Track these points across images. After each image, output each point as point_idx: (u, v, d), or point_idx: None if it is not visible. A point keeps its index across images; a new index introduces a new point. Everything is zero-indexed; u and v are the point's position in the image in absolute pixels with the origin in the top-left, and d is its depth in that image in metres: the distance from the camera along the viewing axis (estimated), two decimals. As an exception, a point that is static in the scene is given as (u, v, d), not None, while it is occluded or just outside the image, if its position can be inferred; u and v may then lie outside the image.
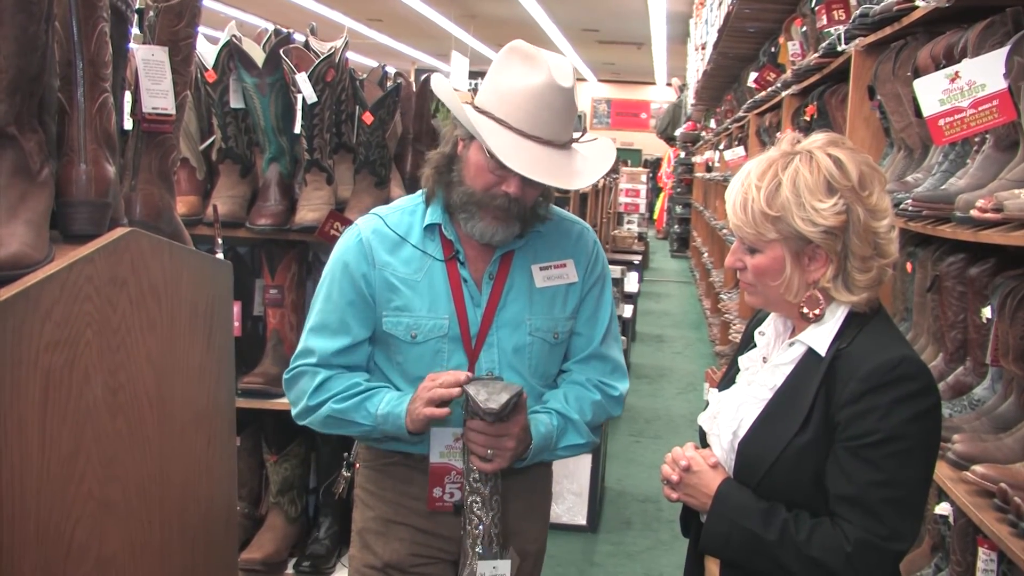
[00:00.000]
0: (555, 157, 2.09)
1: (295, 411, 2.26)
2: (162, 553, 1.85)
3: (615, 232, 13.67)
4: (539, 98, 2.06)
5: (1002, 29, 2.44)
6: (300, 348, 2.24)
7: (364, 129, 3.32)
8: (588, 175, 2.12)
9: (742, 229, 1.80)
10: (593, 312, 2.30)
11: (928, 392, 1.73)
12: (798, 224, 1.74)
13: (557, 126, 2.09)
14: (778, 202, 1.75)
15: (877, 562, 1.69)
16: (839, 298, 1.78)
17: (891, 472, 1.68)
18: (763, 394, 1.84)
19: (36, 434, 1.46)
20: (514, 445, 2.10)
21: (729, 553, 1.83)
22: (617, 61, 24.22)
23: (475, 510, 2.13)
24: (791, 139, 1.83)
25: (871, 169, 1.78)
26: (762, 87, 6.52)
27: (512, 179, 2.08)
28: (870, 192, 1.75)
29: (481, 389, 2.04)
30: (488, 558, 2.14)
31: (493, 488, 2.14)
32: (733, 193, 1.82)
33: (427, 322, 2.18)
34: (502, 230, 2.15)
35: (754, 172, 1.80)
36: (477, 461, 2.10)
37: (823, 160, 1.75)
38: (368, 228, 2.24)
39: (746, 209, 1.78)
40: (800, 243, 1.76)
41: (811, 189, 1.73)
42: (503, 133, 2.06)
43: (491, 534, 2.14)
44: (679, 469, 1.86)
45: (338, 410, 2.17)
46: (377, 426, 2.15)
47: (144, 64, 1.99)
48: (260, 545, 3.32)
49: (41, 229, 1.58)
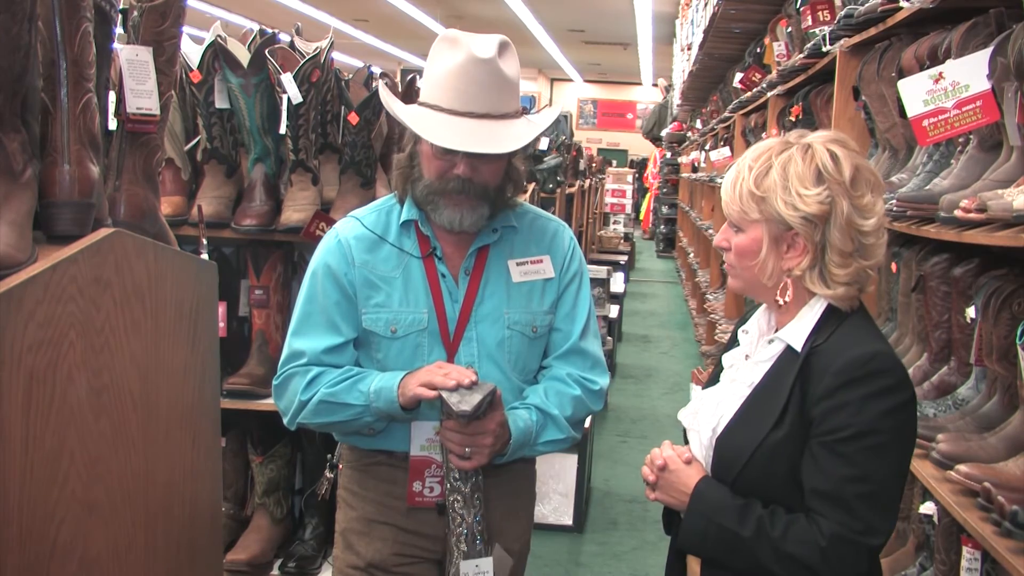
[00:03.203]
0: (493, 128, 2.12)
1: (287, 416, 2.23)
2: (147, 554, 1.85)
3: (601, 232, 13.70)
4: (462, 74, 2.10)
5: (985, 30, 2.45)
6: (287, 353, 2.23)
7: (350, 129, 3.31)
8: (523, 137, 2.14)
9: (729, 207, 1.84)
10: (571, 308, 2.31)
11: (901, 387, 1.73)
12: (780, 207, 1.76)
13: (488, 97, 2.12)
14: (765, 183, 1.78)
15: (852, 556, 1.70)
16: (813, 289, 1.79)
17: (865, 467, 1.69)
18: (742, 391, 1.86)
19: (19, 435, 1.46)
20: (491, 442, 2.11)
21: (707, 550, 1.84)
22: (603, 62, 24.26)
23: (457, 509, 2.14)
24: (798, 133, 1.85)
25: (870, 174, 1.80)
26: (748, 88, 6.55)
27: (459, 161, 2.13)
28: (861, 193, 1.77)
29: (453, 392, 2.05)
30: (472, 556, 2.14)
31: (474, 486, 2.14)
32: (729, 172, 1.86)
33: (406, 316, 2.20)
34: (468, 213, 2.17)
35: (750, 155, 1.84)
36: (456, 460, 2.11)
37: (820, 152, 1.77)
38: (346, 230, 2.26)
39: (735, 187, 1.82)
40: (780, 227, 1.78)
41: (800, 176, 1.76)
42: (433, 116, 2.11)
43: (474, 532, 2.14)
44: (655, 469, 1.88)
45: (330, 393, 2.16)
46: (370, 404, 2.13)
47: (128, 64, 1.98)
48: (246, 546, 3.31)
49: (24, 230, 1.57)
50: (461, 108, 2.10)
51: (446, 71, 2.11)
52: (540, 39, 19.21)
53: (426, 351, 2.20)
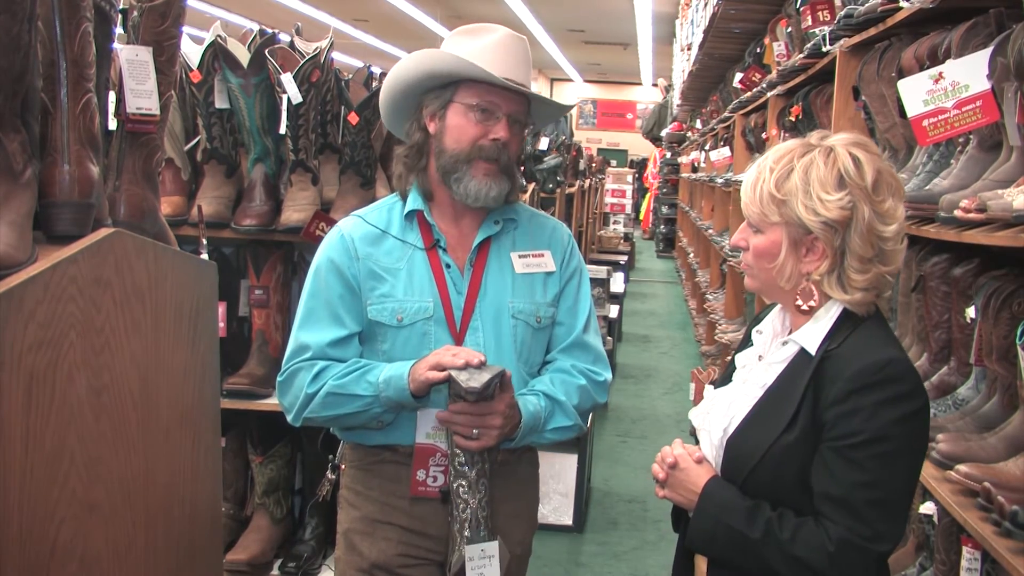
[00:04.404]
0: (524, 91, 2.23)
1: (292, 412, 2.22)
2: (147, 554, 1.85)
3: (601, 232, 13.69)
4: (501, 46, 2.21)
5: (985, 30, 2.45)
6: (293, 348, 2.22)
7: (349, 129, 3.31)
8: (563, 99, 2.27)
9: (749, 208, 1.83)
10: (573, 303, 2.34)
11: (915, 395, 1.73)
12: (800, 211, 1.75)
13: (523, 72, 2.23)
14: (787, 187, 1.77)
15: (860, 562, 1.70)
16: (831, 294, 1.79)
17: (875, 473, 1.69)
18: (755, 392, 1.85)
19: (19, 435, 1.45)
20: (500, 423, 2.11)
21: (714, 551, 1.84)
22: (603, 62, 24.27)
23: (461, 494, 2.12)
24: (819, 134, 1.84)
25: (892, 178, 1.79)
26: (748, 88, 6.54)
27: (498, 124, 2.18)
28: (883, 198, 1.76)
29: (463, 371, 2.05)
30: (476, 541, 2.13)
31: (480, 471, 2.13)
32: (749, 173, 1.85)
33: (412, 305, 2.21)
34: (495, 185, 2.20)
35: (772, 156, 1.83)
36: (461, 440, 2.10)
37: (842, 156, 1.76)
38: (349, 226, 2.28)
39: (756, 188, 1.81)
40: (800, 231, 1.77)
41: (821, 181, 1.75)
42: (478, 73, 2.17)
43: (479, 517, 2.13)
44: (666, 466, 1.87)
45: (338, 385, 2.15)
46: (380, 394, 2.12)
47: (128, 64, 1.98)
48: (245, 546, 3.31)
49: (24, 230, 1.57)
50: (505, 74, 2.17)
51: (484, 45, 2.20)
52: (540, 39, 19.20)
53: (432, 340, 2.20)
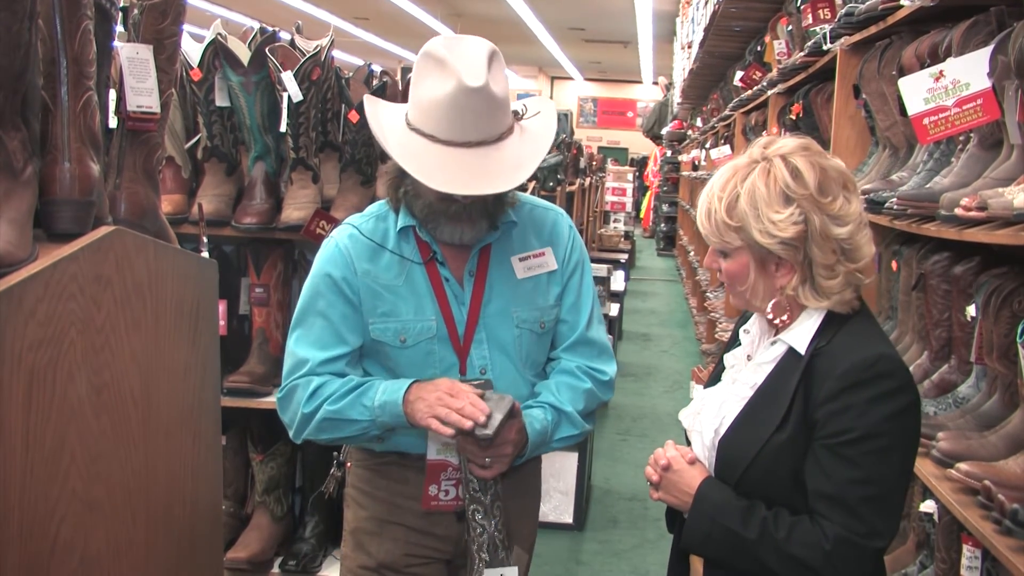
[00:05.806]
0: (488, 156, 2.05)
1: (292, 429, 2.20)
2: (147, 552, 1.85)
3: (601, 231, 13.68)
4: (454, 105, 2.01)
5: (986, 28, 2.45)
6: (291, 363, 2.19)
7: (350, 127, 3.31)
8: (523, 169, 2.08)
9: (709, 237, 1.84)
10: (576, 299, 2.30)
11: (905, 390, 1.73)
12: (756, 236, 1.76)
13: (481, 125, 2.04)
14: (737, 212, 1.77)
15: (856, 559, 1.70)
16: (808, 304, 1.79)
17: (869, 470, 1.69)
18: (745, 392, 1.86)
19: (20, 433, 1.46)
20: (511, 451, 2.12)
21: (710, 551, 1.84)
22: (603, 60, 24.25)
23: (478, 519, 2.15)
24: (763, 143, 1.83)
25: (837, 174, 1.78)
26: (748, 86, 6.54)
27: None
28: (832, 198, 1.75)
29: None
30: (495, 565, 2.15)
31: (494, 495, 2.15)
32: (701, 201, 1.85)
33: (415, 325, 2.17)
34: (469, 230, 2.15)
35: (717, 182, 1.82)
36: (476, 469, 2.11)
37: (779, 171, 1.76)
38: (344, 237, 2.22)
39: (710, 218, 1.81)
40: (763, 251, 1.78)
41: (767, 201, 1.75)
42: (425, 148, 2.04)
43: (496, 540, 2.15)
44: (659, 469, 1.88)
45: (333, 411, 2.12)
46: (375, 419, 2.11)
47: (129, 62, 1.98)
48: (246, 544, 3.31)
49: (24, 228, 1.57)
50: (456, 139, 2.03)
51: (438, 99, 2.02)
52: (540, 37, 19.20)
53: (437, 357, 2.19)
